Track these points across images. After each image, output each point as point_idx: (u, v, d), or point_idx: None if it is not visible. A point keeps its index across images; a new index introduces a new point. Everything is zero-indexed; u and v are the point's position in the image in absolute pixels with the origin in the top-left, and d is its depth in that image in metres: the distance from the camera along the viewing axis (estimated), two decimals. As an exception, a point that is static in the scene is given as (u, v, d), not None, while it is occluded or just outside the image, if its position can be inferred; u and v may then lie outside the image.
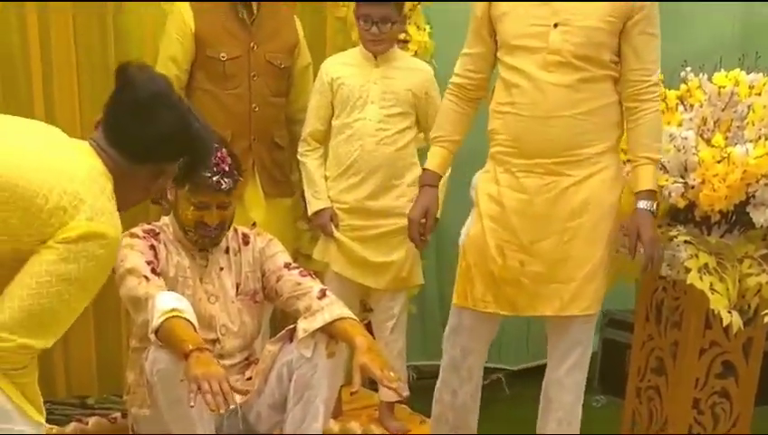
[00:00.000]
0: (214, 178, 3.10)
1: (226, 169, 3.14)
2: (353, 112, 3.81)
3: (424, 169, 3.46)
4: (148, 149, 2.28)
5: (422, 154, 3.84)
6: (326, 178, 3.91)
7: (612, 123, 3.17)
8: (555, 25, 3.08)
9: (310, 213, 3.92)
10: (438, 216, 3.57)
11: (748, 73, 3.39)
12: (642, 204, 3.13)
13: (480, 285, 3.31)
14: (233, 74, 3.81)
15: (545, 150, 3.15)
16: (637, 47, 3.10)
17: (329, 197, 3.89)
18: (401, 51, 3.96)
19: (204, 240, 3.20)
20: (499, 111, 3.24)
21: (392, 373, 2.92)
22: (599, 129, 3.14)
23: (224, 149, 3.15)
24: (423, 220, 3.39)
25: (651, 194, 3.14)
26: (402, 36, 4.01)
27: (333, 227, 3.87)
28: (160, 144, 2.28)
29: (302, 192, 3.99)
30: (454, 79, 3.39)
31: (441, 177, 3.44)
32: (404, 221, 3.61)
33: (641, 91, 3.12)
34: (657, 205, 3.18)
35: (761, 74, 3.40)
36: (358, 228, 3.88)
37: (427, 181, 3.43)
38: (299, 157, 3.94)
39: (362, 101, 3.79)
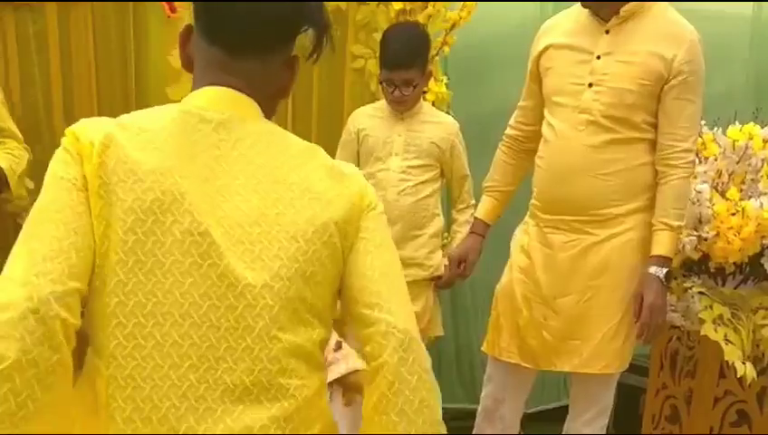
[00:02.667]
0: None
1: None
2: (377, 163, 3.84)
3: (474, 218, 3.57)
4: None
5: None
6: None
7: (642, 185, 3.14)
8: (590, 85, 3.11)
9: None
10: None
11: (762, 127, 3.44)
12: (652, 269, 3.10)
13: (506, 334, 3.35)
14: None
15: (568, 208, 3.18)
16: (669, 112, 3.07)
17: None
18: (428, 104, 4.00)
19: None
20: (536, 165, 3.30)
21: None
22: (625, 190, 3.13)
23: None
24: (462, 263, 3.54)
25: (662, 260, 3.10)
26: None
27: None
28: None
29: None
30: (507, 130, 3.48)
31: (488, 225, 3.53)
32: (424, 273, 3.69)
33: (669, 155, 3.08)
34: (669, 273, 3.13)
35: (775, 128, 3.43)
36: (377, 278, 3.89)
37: (474, 229, 3.57)
38: None
39: (386, 152, 3.83)
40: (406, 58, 3.70)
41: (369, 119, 3.91)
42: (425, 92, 4.00)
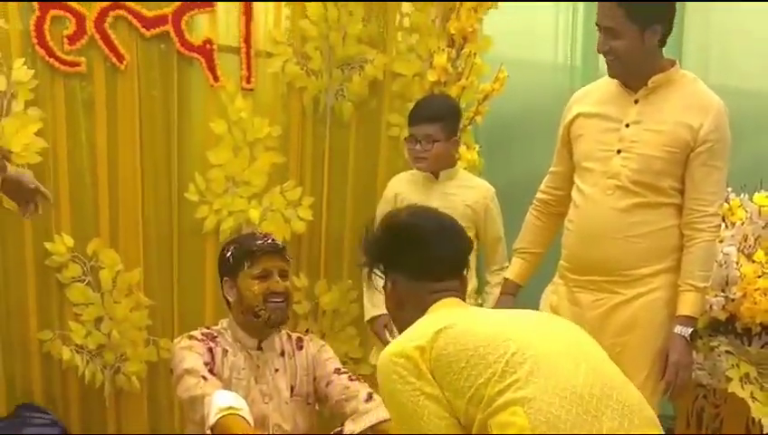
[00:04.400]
0: (267, 241, 3.30)
1: (273, 238, 3.38)
2: None
3: (505, 279, 3.64)
4: None
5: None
6: None
7: (669, 246, 3.22)
8: (618, 151, 3.21)
9: (366, 319, 4.04)
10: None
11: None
12: (677, 329, 3.16)
13: None
14: None
15: (597, 269, 3.26)
16: (695, 178, 3.16)
17: None
18: (464, 170, 4.11)
19: (276, 313, 3.25)
20: (565, 227, 3.40)
21: None
22: (652, 251, 3.21)
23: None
24: None
25: (689, 320, 3.17)
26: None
27: (388, 333, 3.94)
28: None
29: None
30: (538, 194, 3.56)
31: (519, 286, 3.59)
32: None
33: (696, 220, 3.17)
34: (694, 332, 3.20)
35: (801, 195, 3.52)
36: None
37: (505, 290, 3.61)
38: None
39: None
40: (427, 114, 3.84)
41: (405, 184, 4.02)
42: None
